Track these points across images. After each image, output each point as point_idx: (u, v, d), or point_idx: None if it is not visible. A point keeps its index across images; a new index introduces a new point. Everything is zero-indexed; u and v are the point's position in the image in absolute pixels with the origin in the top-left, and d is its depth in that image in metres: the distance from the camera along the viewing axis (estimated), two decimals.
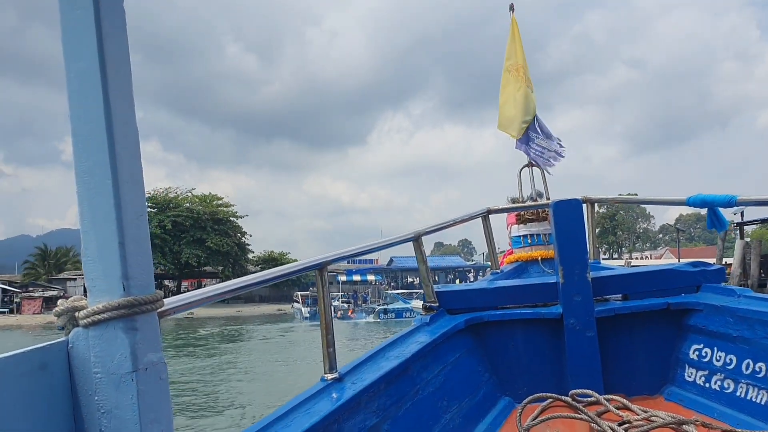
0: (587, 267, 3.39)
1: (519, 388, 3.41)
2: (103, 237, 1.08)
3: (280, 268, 2.25)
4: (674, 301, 3.33)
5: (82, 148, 1.08)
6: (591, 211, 4.44)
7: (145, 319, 1.11)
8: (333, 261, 2.52)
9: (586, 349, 3.28)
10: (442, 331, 3.20)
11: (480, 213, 4.47)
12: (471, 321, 3.47)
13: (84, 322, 1.08)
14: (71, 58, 1.08)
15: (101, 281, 1.09)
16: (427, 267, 3.54)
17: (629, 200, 4.57)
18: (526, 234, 4.87)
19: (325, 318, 2.38)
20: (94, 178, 1.08)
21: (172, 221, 61.79)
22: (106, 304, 1.07)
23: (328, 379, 2.34)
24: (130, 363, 1.07)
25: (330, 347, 2.37)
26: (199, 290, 1.62)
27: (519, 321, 3.50)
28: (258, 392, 18.25)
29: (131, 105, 1.13)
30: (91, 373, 1.08)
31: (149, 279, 1.14)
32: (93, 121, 1.07)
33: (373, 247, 3.14)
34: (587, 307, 3.32)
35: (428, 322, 3.37)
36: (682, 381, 3.19)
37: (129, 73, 1.13)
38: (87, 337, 1.09)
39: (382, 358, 2.72)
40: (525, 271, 4.75)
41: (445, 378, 3.00)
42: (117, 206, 1.07)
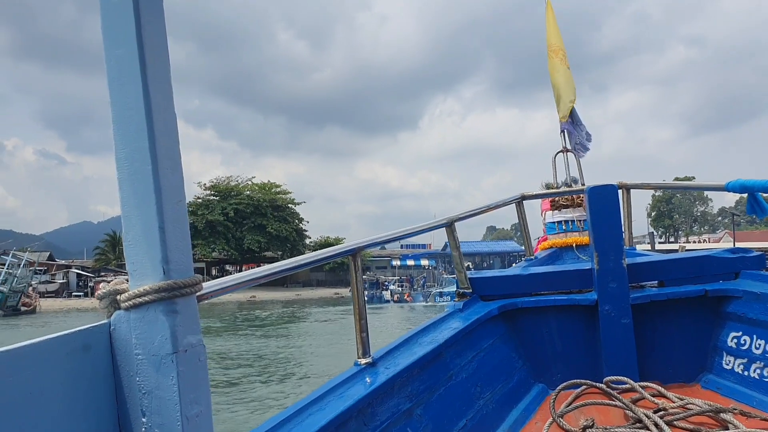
0: (623, 253, 3.30)
1: (553, 375, 3.35)
2: (143, 222, 1.08)
3: (315, 254, 2.23)
4: (712, 288, 3.22)
5: (122, 135, 1.08)
6: (627, 197, 4.32)
7: (184, 302, 1.11)
8: (365, 247, 2.48)
9: (621, 336, 3.20)
10: (476, 318, 3.15)
11: (514, 199, 4.40)
12: (504, 307, 3.41)
13: (125, 304, 1.08)
14: (110, 45, 1.08)
15: (142, 265, 1.09)
16: (460, 253, 3.48)
17: (667, 186, 4.43)
18: (561, 220, 4.79)
19: (358, 303, 2.35)
20: (134, 164, 1.08)
21: (234, 208, 63.10)
22: (147, 288, 1.07)
23: (362, 363, 2.32)
24: (170, 345, 1.07)
25: (363, 332, 2.35)
26: (236, 275, 1.62)
27: (553, 307, 3.44)
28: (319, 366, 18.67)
29: (169, 91, 1.12)
30: (133, 355, 1.09)
31: (188, 263, 1.14)
32: (132, 107, 1.07)
33: (406, 233, 3.08)
34: (622, 294, 3.24)
35: (461, 308, 3.33)
36: (720, 369, 3.09)
37: (167, 60, 1.12)
38: (128, 320, 1.09)
39: (416, 343, 2.69)
40: (559, 257, 4.66)
41: (479, 364, 2.96)
42: (157, 191, 1.07)
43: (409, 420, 2.26)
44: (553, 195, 4.78)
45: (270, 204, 65.84)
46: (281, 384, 16.26)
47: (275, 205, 66.50)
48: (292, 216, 69.03)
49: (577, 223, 4.69)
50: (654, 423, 2.38)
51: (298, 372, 18.16)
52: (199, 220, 62.28)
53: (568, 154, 5.01)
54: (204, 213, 62.90)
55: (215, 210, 62.99)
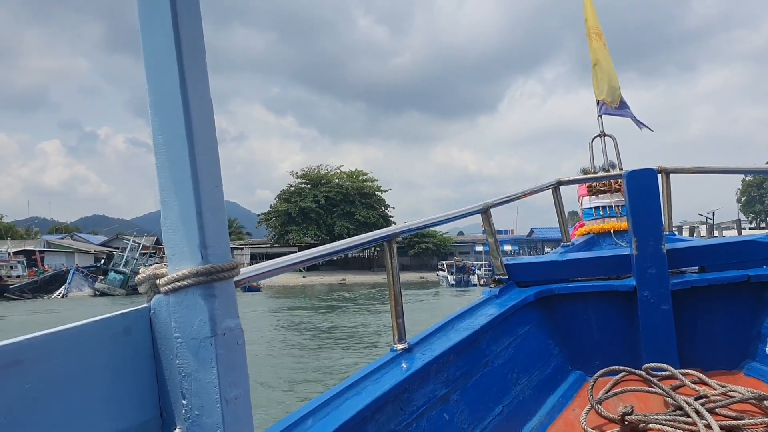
0: (662, 238, 3.12)
1: (590, 362, 3.19)
2: (181, 207, 1.06)
3: (351, 239, 2.19)
4: (755, 274, 3.03)
5: (160, 121, 1.06)
6: (666, 181, 4.03)
7: (222, 287, 1.08)
8: (401, 233, 2.43)
9: (660, 322, 3.04)
10: (512, 304, 3.05)
11: (550, 184, 4.21)
12: (541, 294, 3.29)
13: (165, 288, 1.06)
14: (147, 33, 1.06)
15: (180, 250, 1.07)
16: (496, 239, 3.36)
17: (710, 169, 4.07)
18: (598, 206, 4.58)
19: (394, 289, 2.29)
20: (171, 150, 1.05)
21: (324, 196, 64.49)
22: (186, 272, 1.05)
23: (398, 349, 2.27)
24: (208, 328, 1.04)
25: (399, 318, 2.30)
26: (273, 260, 1.59)
27: (591, 294, 3.28)
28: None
29: (206, 78, 1.09)
30: (172, 338, 1.07)
31: (225, 247, 1.11)
32: (169, 94, 1.05)
33: (443, 219, 3.00)
34: (662, 280, 3.07)
35: (497, 294, 3.23)
36: (763, 356, 2.91)
37: (203, 47, 1.09)
38: (168, 304, 1.08)
39: (452, 329, 2.62)
40: (596, 243, 4.45)
41: (515, 350, 2.86)
42: (194, 177, 1.04)
43: (445, 405, 2.20)
44: (591, 180, 4.58)
45: (358, 191, 66.79)
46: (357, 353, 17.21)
47: (363, 193, 67.38)
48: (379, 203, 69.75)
49: (615, 209, 4.50)
50: (695, 410, 2.27)
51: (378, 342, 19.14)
52: (293, 207, 64.10)
53: (605, 138, 4.80)
54: (297, 200, 64.67)
55: (307, 197, 64.58)
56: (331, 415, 1.69)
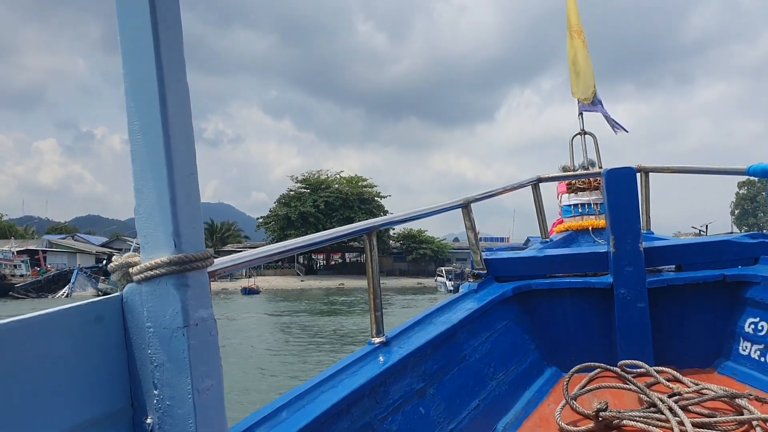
0: (639, 237, 3.11)
1: (566, 358, 3.17)
2: (155, 195, 1.03)
3: (331, 231, 2.17)
4: (730, 273, 3.04)
5: (135, 107, 1.04)
6: (645, 180, 4.06)
7: (195, 276, 1.05)
8: (381, 226, 2.42)
9: (636, 320, 3.03)
10: (490, 299, 3.04)
11: (530, 181, 4.21)
12: (519, 289, 3.27)
13: (137, 277, 1.04)
14: (124, 17, 1.03)
15: (153, 238, 1.04)
16: (475, 234, 3.33)
17: (686, 169, 4.07)
18: (577, 203, 4.57)
19: (373, 283, 2.26)
20: (146, 137, 1.03)
21: (324, 201, 64.40)
22: (158, 261, 1.02)
23: (376, 342, 2.25)
24: (181, 318, 1.02)
25: (377, 311, 2.28)
26: (248, 252, 1.56)
27: (568, 290, 3.26)
28: None
29: (182, 64, 1.07)
30: (144, 327, 1.04)
31: (199, 236, 1.08)
32: (145, 79, 1.02)
33: (423, 213, 2.98)
34: (639, 278, 3.06)
35: (476, 289, 3.21)
36: (737, 355, 2.91)
37: (180, 33, 1.07)
38: (140, 293, 1.05)
39: (430, 323, 2.60)
40: (575, 240, 4.44)
41: (492, 345, 2.84)
42: (168, 164, 1.02)
43: (422, 399, 2.18)
44: (570, 178, 4.58)
45: (357, 197, 66.72)
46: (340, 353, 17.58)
47: (362, 198, 67.31)
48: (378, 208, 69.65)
49: (594, 207, 4.50)
50: (668, 407, 2.28)
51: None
52: (293, 211, 64.02)
53: (585, 136, 4.80)
54: (296, 205, 64.58)
55: (307, 202, 64.50)
56: (306, 407, 1.67)
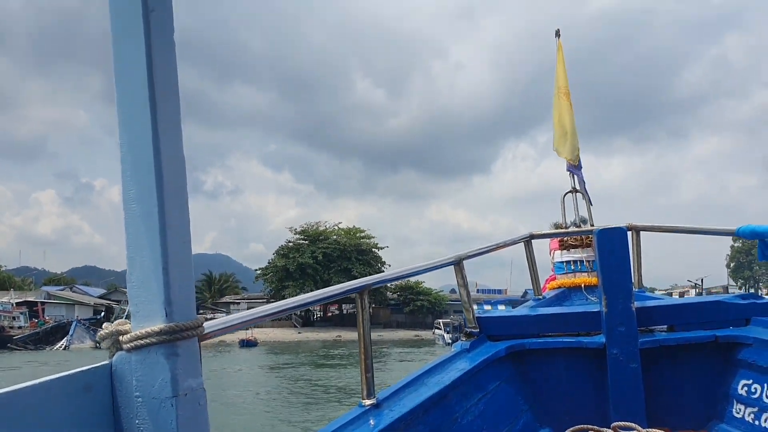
0: (632, 296, 3.08)
1: (560, 419, 3.10)
2: (147, 263, 1.03)
3: (322, 291, 2.13)
4: (722, 334, 3.00)
5: (130, 175, 1.05)
6: (636, 240, 4.06)
7: (186, 345, 1.05)
8: (373, 285, 2.38)
9: (629, 380, 2.98)
10: (483, 358, 2.99)
11: (523, 238, 4.21)
12: (512, 348, 3.22)
13: (127, 346, 1.03)
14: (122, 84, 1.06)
15: (144, 306, 1.04)
16: (467, 292, 3.28)
17: (677, 229, 4.10)
18: (570, 260, 4.55)
19: (364, 342, 2.21)
20: (141, 205, 1.04)
21: (322, 252, 64.16)
22: (149, 330, 1.02)
23: (366, 404, 2.19)
24: (170, 388, 1.01)
25: (368, 372, 2.23)
26: (238, 314, 1.55)
27: (561, 350, 3.22)
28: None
29: (179, 133, 1.09)
30: (133, 397, 1.03)
31: (191, 305, 1.08)
32: (142, 148, 1.04)
33: (415, 271, 2.98)
34: (631, 338, 3.03)
35: (468, 348, 3.16)
36: (730, 417, 2.84)
37: (178, 103, 1.09)
38: (130, 361, 1.04)
39: (421, 384, 2.55)
40: (568, 298, 4.40)
41: (485, 406, 2.79)
42: (162, 232, 1.02)
43: None
44: (562, 235, 4.57)
45: (355, 248, 66.52)
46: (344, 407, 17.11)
47: (360, 249, 67.11)
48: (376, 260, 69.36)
49: (586, 264, 4.47)
50: None
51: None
52: (291, 262, 63.69)
53: (576, 194, 4.83)
54: (295, 256, 64.30)
55: (305, 253, 64.24)
56: None
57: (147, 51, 1.04)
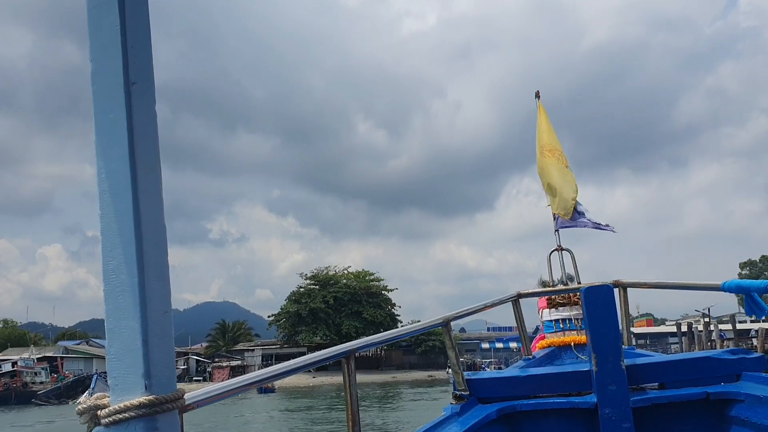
0: (621, 354, 2.99)
1: None
2: (126, 335, 0.99)
3: (307, 357, 2.06)
4: (713, 391, 2.90)
5: (110, 247, 1.02)
6: (623, 296, 3.98)
7: (165, 418, 1.00)
8: (360, 348, 2.30)
9: None
10: (474, 422, 2.88)
11: (510, 297, 4.15)
12: (503, 411, 3.10)
13: (105, 420, 0.98)
14: (103, 159, 1.04)
15: (123, 380, 1.00)
16: (456, 353, 3.21)
17: (663, 285, 4.05)
18: (558, 318, 4.45)
19: (351, 408, 2.11)
20: (120, 276, 1.01)
21: (333, 296, 63.87)
22: (128, 404, 0.97)
23: None
24: None
25: None
26: (221, 384, 1.49)
27: (552, 411, 3.10)
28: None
29: (160, 204, 1.06)
30: None
31: (171, 376, 1.04)
32: (122, 220, 1.02)
33: (404, 333, 2.95)
34: (623, 397, 2.91)
35: (459, 411, 3.04)
36: None
37: (159, 176, 1.07)
38: None
39: None
40: (558, 356, 4.29)
41: None
42: (142, 304, 0.99)
43: None
44: (549, 293, 4.49)
45: (365, 291, 66.22)
46: None
47: (370, 292, 66.78)
48: (386, 302, 68.91)
49: (575, 322, 4.37)
50: None
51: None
52: (303, 307, 63.40)
53: (563, 252, 4.81)
54: (307, 301, 64.03)
55: (317, 298, 63.96)
56: None
57: (128, 123, 1.03)
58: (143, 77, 1.07)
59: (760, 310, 3.19)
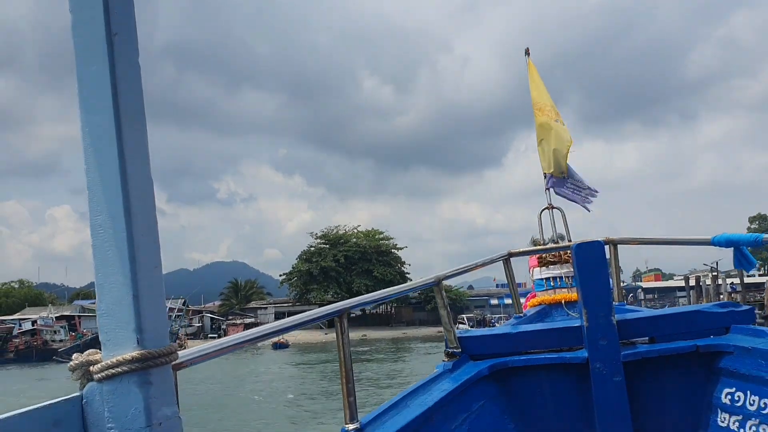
0: (612, 309, 2.99)
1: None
2: (117, 290, 0.97)
3: (300, 316, 2.05)
4: (703, 344, 2.92)
5: (98, 202, 0.99)
6: (614, 253, 3.96)
7: (159, 373, 0.99)
8: (352, 307, 2.30)
9: (613, 394, 2.89)
10: (466, 378, 2.90)
11: (501, 256, 4.13)
12: (495, 367, 3.11)
13: (98, 376, 0.97)
14: (87, 111, 1.00)
15: (115, 335, 0.98)
16: (448, 312, 3.21)
17: (652, 241, 4.02)
18: (549, 277, 4.47)
19: (345, 366, 2.12)
20: (108, 232, 0.98)
21: (343, 255, 64.33)
22: (120, 358, 0.96)
23: (349, 429, 2.10)
24: (144, 418, 0.95)
25: (350, 396, 2.13)
26: (215, 341, 1.46)
27: (544, 366, 3.12)
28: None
29: (146, 157, 1.03)
30: (105, 429, 0.97)
31: (164, 331, 1.02)
32: (107, 174, 0.98)
33: (396, 293, 2.95)
34: (613, 351, 2.93)
35: (451, 368, 3.05)
36: (715, 426, 2.75)
37: (145, 129, 1.04)
38: (101, 392, 0.98)
39: (404, 406, 2.46)
40: (548, 314, 4.30)
41: (469, 427, 2.70)
42: (132, 259, 0.97)
43: None
44: (540, 252, 4.49)
45: (375, 250, 66.57)
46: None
47: (379, 251, 67.13)
48: (395, 260, 69.29)
49: (566, 280, 4.39)
50: None
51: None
52: (314, 266, 63.98)
53: (553, 210, 4.78)
54: (318, 260, 64.56)
55: (327, 257, 64.44)
56: None
57: (111, 74, 0.99)
58: (125, 28, 1.03)
59: (748, 264, 3.23)
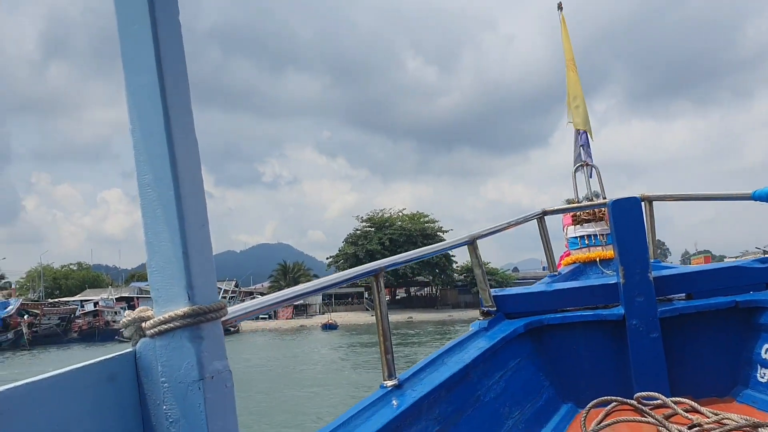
0: (648, 266, 2.92)
1: (581, 393, 2.96)
2: (166, 248, 0.98)
3: (338, 275, 2.08)
4: (742, 299, 2.83)
5: (144, 162, 1.00)
6: (650, 210, 3.85)
7: (209, 328, 0.99)
8: (388, 267, 2.31)
9: (650, 350, 2.84)
10: (502, 336, 2.87)
11: (535, 215, 4.05)
12: (530, 325, 3.09)
13: (150, 332, 0.98)
14: (131, 73, 1.00)
15: (166, 291, 0.99)
16: (483, 271, 3.17)
17: (689, 197, 3.88)
18: (583, 235, 4.36)
19: (382, 324, 2.13)
20: (156, 191, 0.99)
21: (389, 238, 64.58)
22: (172, 314, 0.96)
23: (388, 386, 2.11)
24: (196, 372, 0.95)
25: (388, 354, 2.15)
26: (259, 299, 1.48)
27: (579, 324, 3.08)
28: None
29: (190, 117, 1.03)
30: (159, 383, 0.98)
31: (212, 288, 1.02)
32: (154, 134, 0.98)
33: (430, 252, 2.92)
34: (650, 308, 2.87)
35: (487, 327, 3.04)
36: (755, 382, 2.69)
37: (187, 87, 1.03)
38: (154, 347, 0.99)
39: (442, 364, 2.45)
40: (583, 272, 4.22)
41: (506, 384, 2.68)
42: (180, 217, 0.97)
43: None
44: (575, 209, 4.39)
45: (420, 233, 66.52)
46: None
47: (425, 234, 67.06)
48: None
49: (600, 238, 4.29)
50: None
51: None
52: (360, 249, 64.50)
53: (588, 168, 4.63)
54: (363, 243, 65.04)
55: (373, 240, 64.82)
56: None
57: (154, 36, 0.98)
58: None
59: None
